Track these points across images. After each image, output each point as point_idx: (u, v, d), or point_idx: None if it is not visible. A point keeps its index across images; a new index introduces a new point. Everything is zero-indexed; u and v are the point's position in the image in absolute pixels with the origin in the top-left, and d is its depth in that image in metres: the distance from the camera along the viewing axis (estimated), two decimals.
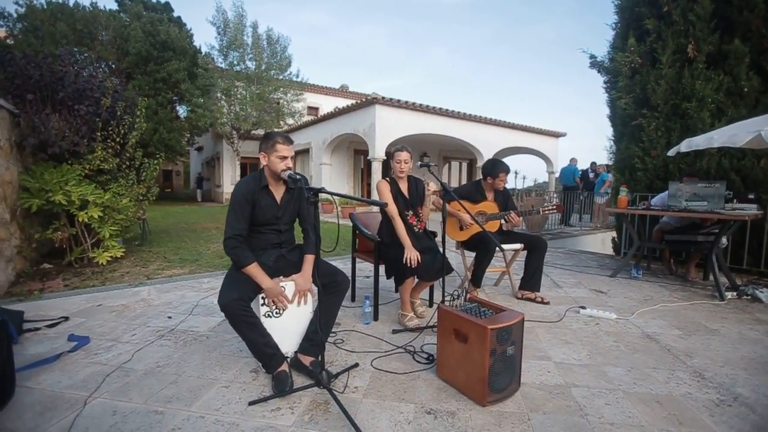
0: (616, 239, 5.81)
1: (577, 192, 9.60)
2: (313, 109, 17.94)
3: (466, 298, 1.96)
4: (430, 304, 3.00)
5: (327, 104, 17.68)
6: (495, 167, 3.18)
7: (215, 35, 14.51)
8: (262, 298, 1.93)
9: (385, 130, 9.95)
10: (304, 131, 13.97)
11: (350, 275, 3.10)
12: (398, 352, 2.16)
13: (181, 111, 17.29)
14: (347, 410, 1.51)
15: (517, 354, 1.74)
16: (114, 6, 18.08)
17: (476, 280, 3.09)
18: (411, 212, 2.67)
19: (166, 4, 19.02)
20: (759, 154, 4.12)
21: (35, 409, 1.58)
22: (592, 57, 5.56)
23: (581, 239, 8.09)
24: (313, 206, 1.74)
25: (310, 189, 1.71)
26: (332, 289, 2.00)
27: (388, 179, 2.70)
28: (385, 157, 9.75)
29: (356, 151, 13.67)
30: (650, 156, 4.81)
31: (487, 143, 12.10)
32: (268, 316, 1.94)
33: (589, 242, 8.10)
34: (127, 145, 4.52)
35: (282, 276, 2.01)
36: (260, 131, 13.76)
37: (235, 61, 14.30)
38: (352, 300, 3.10)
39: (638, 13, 4.87)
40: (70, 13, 14.63)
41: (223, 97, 14.33)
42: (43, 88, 3.89)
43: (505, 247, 3.11)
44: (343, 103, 13.19)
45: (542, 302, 3.11)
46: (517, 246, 3.16)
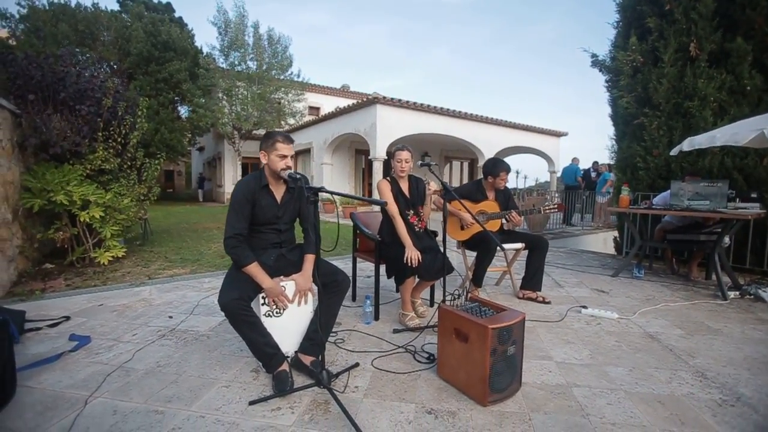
0: (618, 239, 5.79)
1: (579, 191, 9.57)
2: (314, 109, 17.94)
3: (467, 298, 1.95)
4: (431, 304, 2.99)
5: (328, 104, 17.68)
6: (496, 166, 3.18)
7: (216, 35, 14.55)
8: (263, 297, 1.92)
9: (386, 129, 9.93)
10: (305, 131, 13.97)
11: (351, 275, 3.10)
12: (399, 352, 2.16)
13: (183, 111, 17.31)
14: (347, 410, 1.51)
15: (518, 354, 1.73)
16: (116, 7, 18.17)
17: (477, 280, 3.09)
18: (412, 212, 2.67)
19: (168, 4, 19.06)
20: (762, 153, 4.10)
21: (36, 409, 1.58)
22: (594, 56, 5.54)
23: (583, 239, 8.07)
24: (313, 206, 1.73)
25: (310, 188, 1.71)
26: (333, 288, 2.00)
27: (388, 179, 2.70)
28: (386, 157, 9.74)
29: (357, 150, 13.66)
30: (652, 155, 4.79)
31: (488, 143, 12.07)
32: (269, 315, 1.94)
33: (591, 242, 8.07)
34: (129, 145, 4.53)
35: (282, 276, 2.01)
36: (261, 131, 13.76)
37: (237, 61, 14.30)
38: (353, 300, 3.10)
39: (640, 12, 4.86)
40: (72, 14, 14.66)
41: (225, 97, 14.33)
42: (45, 89, 3.90)
43: (506, 246, 3.10)
44: (345, 102, 13.18)
45: (543, 302, 3.10)
46: (518, 245, 3.15)
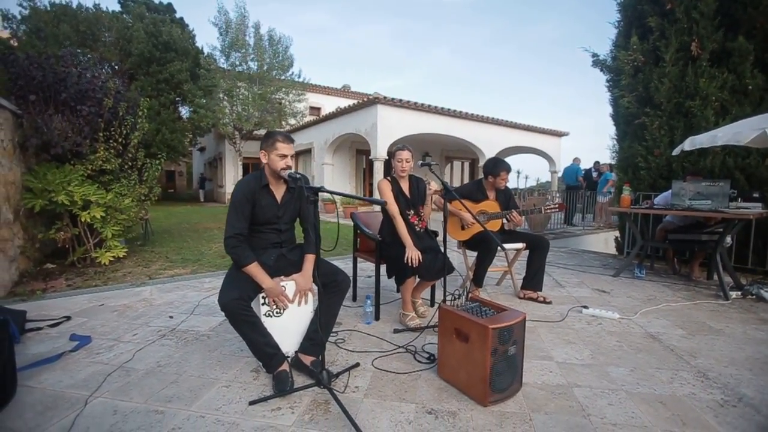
0: (619, 238, 5.77)
1: (580, 191, 9.56)
2: (315, 109, 17.95)
3: (467, 298, 1.95)
4: (432, 304, 2.99)
5: (329, 104, 17.69)
6: (496, 166, 3.17)
7: (217, 36, 14.52)
8: (263, 297, 1.92)
9: (387, 129, 9.93)
10: (306, 131, 13.98)
11: (352, 275, 3.10)
12: (399, 352, 2.16)
13: (184, 111, 17.32)
14: (348, 410, 1.50)
15: (519, 354, 1.73)
16: (117, 7, 18.17)
17: (478, 280, 3.08)
18: (412, 211, 2.67)
19: (169, 5, 19.07)
20: (764, 153, 4.09)
21: (36, 409, 1.58)
22: (595, 55, 5.53)
23: (584, 239, 8.05)
24: (313, 205, 1.73)
25: (310, 188, 1.71)
26: (333, 288, 1.99)
27: (389, 178, 2.70)
28: (387, 157, 9.73)
29: (358, 151, 13.66)
30: (653, 155, 4.78)
31: (489, 143, 12.06)
32: (269, 315, 1.94)
33: (592, 242, 8.06)
34: (130, 145, 4.53)
35: (282, 275, 2.00)
36: (262, 131, 13.76)
37: (237, 62, 14.30)
38: (354, 300, 3.10)
39: (641, 11, 4.85)
40: (74, 15, 14.68)
41: (226, 97, 14.34)
42: (46, 89, 3.90)
43: (507, 246, 3.09)
44: (345, 103, 13.19)
45: (544, 302, 3.10)
46: (519, 245, 3.14)
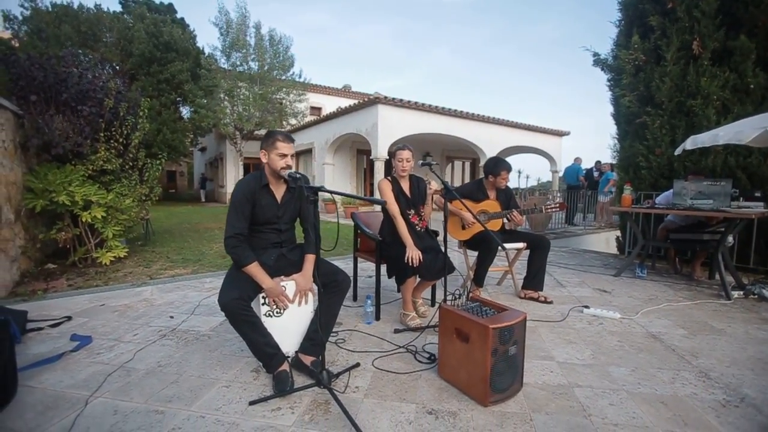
0: (621, 238, 5.76)
1: (581, 191, 9.54)
2: (315, 109, 17.95)
3: (468, 298, 1.94)
4: (432, 304, 2.98)
5: (330, 104, 17.69)
6: (496, 165, 3.17)
7: (218, 36, 14.53)
8: (263, 297, 1.92)
9: (388, 129, 9.92)
10: (306, 131, 13.98)
11: (352, 275, 3.10)
12: (400, 352, 2.15)
13: (185, 112, 17.34)
14: (348, 410, 1.50)
15: (520, 354, 1.72)
16: (118, 8, 18.22)
17: (478, 280, 3.07)
18: (413, 211, 2.66)
19: (170, 5, 19.09)
20: (765, 152, 4.07)
21: (37, 409, 1.58)
22: (596, 55, 5.52)
23: (585, 238, 8.04)
24: (312, 205, 1.73)
25: (310, 188, 1.70)
26: (333, 288, 1.99)
27: (389, 178, 2.69)
28: (387, 157, 9.72)
29: (359, 151, 13.66)
30: (655, 154, 4.77)
31: (490, 142, 12.04)
32: (269, 315, 1.94)
33: (593, 241, 8.04)
34: (130, 145, 4.54)
35: (283, 275, 2.00)
36: (263, 131, 13.74)
37: (238, 62, 14.31)
38: (354, 300, 3.09)
39: (642, 10, 4.83)
40: (75, 16, 14.71)
41: (226, 97, 14.35)
42: (47, 90, 3.91)
43: (508, 246, 3.08)
44: (346, 103, 13.18)
45: (545, 302, 3.09)
46: (520, 245, 3.13)
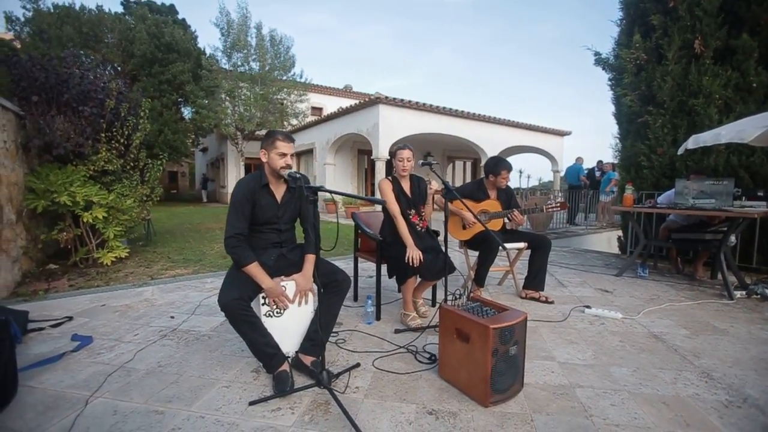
0: (622, 238, 5.74)
1: (583, 191, 9.51)
2: (316, 110, 17.96)
3: (468, 297, 1.94)
4: (433, 304, 2.98)
5: (331, 104, 17.70)
6: (497, 165, 3.16)
7: (219, 37, 14.55)
8: (263, 297, 1.92)
9: (389, 129, 9.91)
10: (307, 131, 13.98)
11: (353, 275, 3.10)
12: (400, 352, 2.15)
13: (186, 112, 17.38)
14: (348, 410, 1.50)
15: (520, 354, 1.71)
16: (119, 9, 18.25)
17: (479, 280, 3.06)
18: (413, 211, 2.66)
19: (171, 6, 19.13)
20: None
21: (37, 409, 1.58)
22: (597, 54, 5.50)
23: (587, 238, 8.02)
24: (312, 205, 1.73)
25: (309, 188, 1.70)
26: (333, 288, 1.99)
27: (390, 178, 2.69)
28: (388, 157, 9.69)
29: (360, 151, 13.66)
30: (656, 153, 4.75)
31: (491, 142, 12.02)
32: (269, 315, 1.93)
33: (595, 241, 8.02)
34: (131, 146, 4.55)
35: (283, 276, 2.00)
36: (264, 132, 13.74)
37: (239, 62, 14.33)
38: (355, 300, 3.09)
39: (643, 9, 4.82)
40: (77, 17, 14.77)
41: (228, 98, 14.36)
42: (49, 90, 3.92)
43: (509, 246, 3.07)
44: (347, 103, 13.18)
45: (546, 301, 3.08)
46: (521, 245, 3.12)
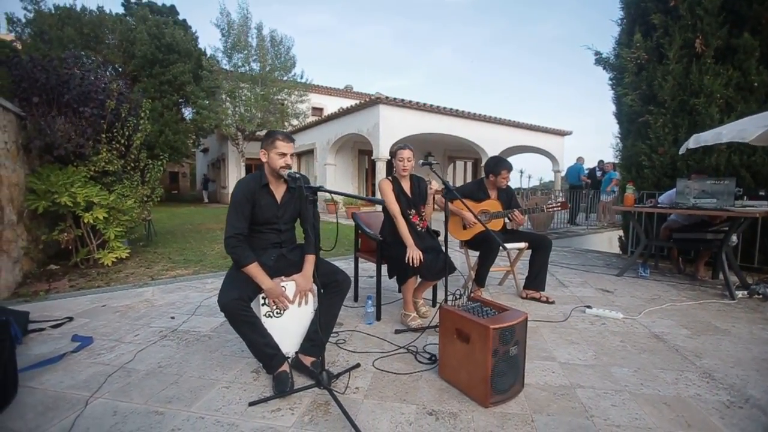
0: (623, 238, 5.73)
1: (584, 191, 9.49)
2: (317, 110, 17.97)
3: (468, 297, 1.93)
4: (434, 304, 2.97)
5: (331, 105, 17.70)
6: (497, 165, 3.15)
7: (220, 37, 14.56)
8: (263, 298, 1.92)
9: (390, 129, 9.91)
10: (308, 132, 13.99)
11: (353, 275, 3.09)
12: (400, 353, 2.14)
13: (187, 113, 17.41)
14: (348, 411, 1.49)
15: (521, 354, 1.71)
16: (120, 10, 18.29)
17: (480, 280, 3.06)
18: (413, 211, 2.65)
19: (172, 7, 19.17)
20: None
21: (37, 409, 1.58)
22: (598, 53, 5.49)
23: (588, 238, 8.00)
24: (312, 205, 1.72)
25: (309, 188, 1.70)
26: (333, 288, 1.98)
27: (390, 178, 2.68)
28: (389, 157, 9.68)
29: (360, 151, 13.65)
30: (657, 153, 4.74)
31: (491, 142, 12.01)
32: (269, 316, 1.93)
33: (596, 241, 8.00)
34: (132, 146, 4.56)
35: (283, 276, 2.00)
36: (265, 132, 13.77)
37: (240, 63, 14.35)
38: (355, 300, 3.09)
39: (644, 8, 4.81)
40: (78, 18, 14.80)
41: (228, 98, 14.37)
42: (49, 91, 3.93)
43: (509, 246, 3.06)
44: (348, 103, 13.17)
45: (547, 302, 3.07)
46: (521, 245, 3.12)
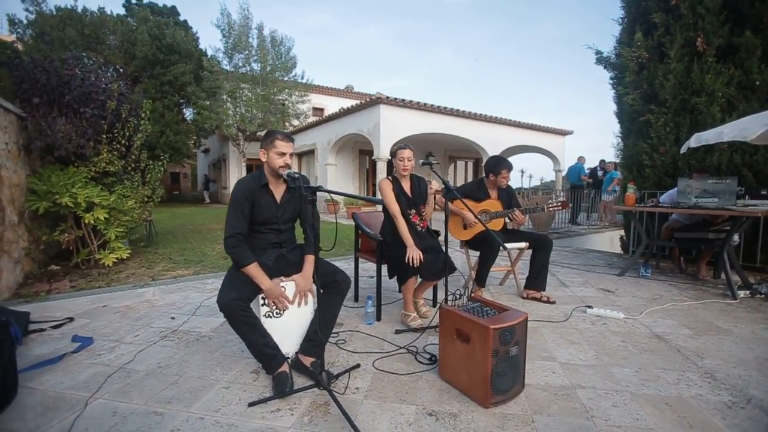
0: (625, 237, 5.71)
1: (585, 191, 9.47)
2: (318, 110, 17.98)
3: (469, 297, 1.93)
4: (434, 304, 2.97)
5: (332, 105, 17.70)
6: (497, 164, 3.15)
7: (220, 38, 14.58)
8: (262, 298, 1.91)
9: (390, 129, 9.90)
10: (309, 132, 14.00)
11: (353, 275, 3.09)
12: (400, 353, 2.14)
13: (188, 113, 17.44)
14: (347, 411, 1.49)
15: (521, 354, 1.70)
16: (121, 11, 18.32)
17: (480, 280, 3.05)
18: (414, 211, 2.65)
19: (173, 7, 19.20)
20: None
21: (37, 410, 1.58)
22: (598, 53, 5.48)
23: (589, 238, 7.98)
24: (311, 205, 1.72)
25: (308, 188, 1.69)
26: (333, 288, 1.98)
27: (390, 178, 2.68)
28: (390, 157, 9.67)
29: (361, 151, 13.66)
30: (659, 152, 4.72)
31: (492, 142, 11.99)
32: (269, 316, 1.93)
33: (597, 241, 7.98)
34: (133, 147, 4.56)
35: (282, 276, 1.99)
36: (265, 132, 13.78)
37: (241, 64, 14.35)
38: (355, 300, 3.08)
39: (645, 7, 4.79)
40: (79, 19, 14.84)
41: (229, 99, 14.38)
42: (50, 92, 3.93)
43: (510, 245, 3.06)
44: (348, 103, 13.17)
45: (548, 302, 3.06)
46: (522, 245, 3.11)
